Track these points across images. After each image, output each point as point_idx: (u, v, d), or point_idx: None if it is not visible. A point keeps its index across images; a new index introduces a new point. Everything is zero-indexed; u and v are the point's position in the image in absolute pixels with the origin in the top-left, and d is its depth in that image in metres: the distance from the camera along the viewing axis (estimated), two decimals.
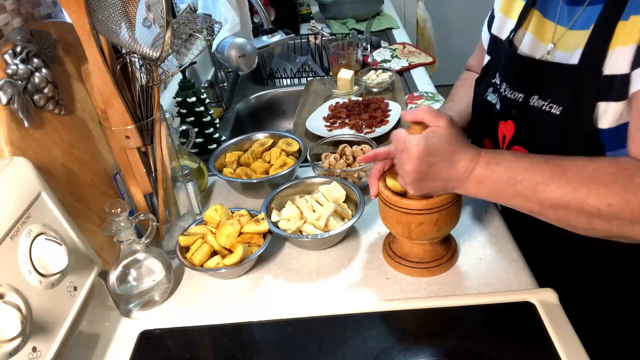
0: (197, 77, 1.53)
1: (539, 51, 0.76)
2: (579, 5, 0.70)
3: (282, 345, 0.68)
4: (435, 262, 0.76)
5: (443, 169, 0.63)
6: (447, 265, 0.77)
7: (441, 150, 0.62)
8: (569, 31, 0.71)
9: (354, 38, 1.72)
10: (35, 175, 0.60)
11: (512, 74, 0.79)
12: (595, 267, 0.80)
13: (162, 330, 0.72)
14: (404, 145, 0.64)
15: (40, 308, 0.55)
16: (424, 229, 0.71)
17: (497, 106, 0.81)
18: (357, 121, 1.18)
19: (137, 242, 0.72)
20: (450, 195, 0.69)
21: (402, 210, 0.70)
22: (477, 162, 0.62)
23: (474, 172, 0.62)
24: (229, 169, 0.99)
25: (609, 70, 0.64)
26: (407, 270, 0.77)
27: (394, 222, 0.73)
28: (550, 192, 0.59)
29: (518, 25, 0.80)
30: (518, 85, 0.77)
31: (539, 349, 0.63)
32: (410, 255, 0.77)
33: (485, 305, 0.70)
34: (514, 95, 0.77)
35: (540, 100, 0.72)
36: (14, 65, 0.64)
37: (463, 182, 0.64)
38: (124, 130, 0.71)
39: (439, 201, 0.69)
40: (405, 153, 0.64)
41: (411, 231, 0.71)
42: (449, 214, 0.71)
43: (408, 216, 0.70)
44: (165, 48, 0.65)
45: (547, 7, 0.76)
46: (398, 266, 0.78)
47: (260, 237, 0.81)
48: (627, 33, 0.61)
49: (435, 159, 0.63)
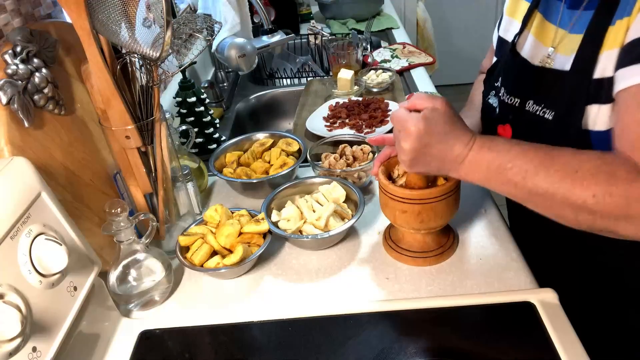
0: (197, 77, 1.53)
1: (539, 55, 0.76)
2: (577, 8, 0.70)
3: (282, 345, 0.68)
4: (434, 251, 0.78)
5: (439, 150, 0.64)
6: (446, 255, 0.78)
7: (438, 131, 0.63)
8: (569, 34, 0.71)
9: (354, 38, 1.72)
10: (35, 175, 0.60)
11: (510, 78, 0.79)
12: (595, 267, 0.80)
13: (162, 330, 0.72)
14: (402, 125, 0.64)
15: (40, 308, 0.55)
16: (422, 217, 0.72)
17: (496, 110, 0.82)
18: (357, 121, 1.18)
19: (137, 242, 0.72)
20: (449, 185, 0.71)
21: (399, 199, 0.72)
22: (471, 147, 0.63)
23: (468, 156, 0.63)
24: (229, 169, 0.99)
25: (599, 74, 0.64)
26: (405, 259, 0.78)
27: (393, 211, 0.74)
28: (537, 180, 0.59)
29: (522, 28, 0.80)
30: (515, 90, 0.77)
31: (539, 349, 0.63)
32: (409, 244, 0.79)
33: (485, 305, 0.70)
34: (510, 100, 0.78)
35: (534, 105, 0.73)
36: (14, 65, 0.64)
37: (457, 165, 0.64)
38: (124, 130, 0.71)
39: (436, 191, 0.70)
40: (403, 132, 0.64)
41: (409, 220, 0.73)
42: (447, 203, 0.72)
43: (406, 205, 0.72)
44: (165, 48, 0.65)
45: (549, 10, 0.76)
46: (398, 256, 0.79)
47: (260, 237, 0.81)
48: (613, 37, 0.62)
49: (432, 139, 0.63)
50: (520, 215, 0.93)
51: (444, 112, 0.63)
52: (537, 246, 0.83)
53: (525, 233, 0.85)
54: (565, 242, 0.82)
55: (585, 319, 0.69)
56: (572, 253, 0.82)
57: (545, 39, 0.76)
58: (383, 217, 0.89)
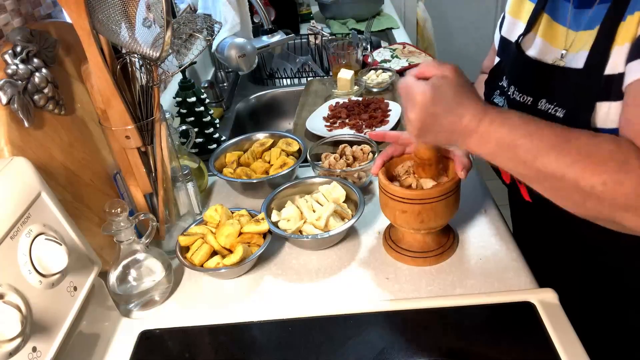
0: (197, 77, 1.53)
1: (550, 56, 0.75)
2: (587, 7, 0.69)
3: (282, 345, 0.68)
4: (434, 251, 0.78)
5: (447, 120, 0.61)
6: (446, 255, 0.79)
7: (446, 101, 0.60)
8: (579, 33, 0.71)
9: (354, 38, 1.72)
10: (35, 175, 0.60)
11: (522, 77, 0.78)
12: (595, 267, 0.80)
13: (162, 330, 0.72)
14: (409, 93, 0.61)
15: (40, 308, 0.55)
16: (422, 217, 0.72)
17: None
18: (357, 121, 1.18)
19: (137, 242, 0.72)
20: (449, 185, 0.71)
21: (399, 199, 0.72)
22: (482, 119, 0.60)
23: (478, 129, 0.60)
24: (229, 169, 0.99)
25: (609, 70, 0.63)
26: (405, 259, 0.79)
27: (392, 211, 0.75)
28: (548, 161, 0.57)
29: (528, 29, 0.79)
30: (527, 88, 0.76)
31: (539, 349, 0.63)
32: (409, 244, 0.79)
33: (485, 305, 0.70)
34: (522, 99, 0.77)
35: (547, 103, 0.72)
36: (14, 65, 0.64)
37: (466, 137, 0.61)
38: (124, 130, 0.71)
39: (436, 191, 0.71)
40: (410, 102, 0.62)
41: (409, 220, 0.73)
42: (447, 203, 0.72)
43: (406, 205, 0.72)
44: (165, 48, 0.65)
45: (557, 11, 0.75)
46: (398, 256, 0.79)
47: (260, 237, 0.81)
48: (625, 33, 0.61)
49: (440, 109, 0.60)
50: (522, 216, 0.93)
51: (454, 80, 0.60)
52: (537, 246, 0.83)
53: (527, 233, 0.85)
54: (565, 242, 0.82)
55: (585, 319, 0.69)
56: (572, 253, 0.82)
57: (554, 41, 0.75)
58: (383, 217, 0.89)
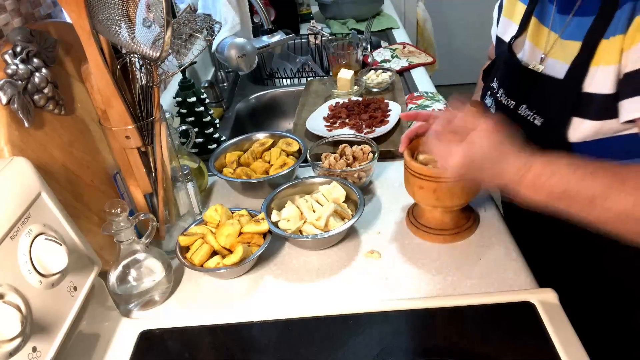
0: (197, 77, 1.53)
1: (534, 59, 0.76)
2: (566, 14, 0.70)
3: (282, 345, 0.68)
4: (451, 230, 0.81)
5: (488, 176, 0.60)
6: (463, 236, 0.81)
7: (484, 161, 0.59)
8: (560, 40, 0.71)
9: (354, 38, 1.72)
10: (35, 175, 0.60)
11: (509, 80, 0.79)
12: (596, 267, 0.80)
13: (162, 330, 0.72)
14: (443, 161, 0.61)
15: (40, 308, 0.55)
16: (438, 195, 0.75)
17: (492, 110, 0.82)
18: (357, 121, 1.18)
19: (137, 242, 0.72)
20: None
21: (417, 175, 0.75)
22: (528, 170, 0.58)
23: (525, 180, 0.59)
24: (229, 169, 0.99)
25: (590, 88, 0.64)
26: (422, 234, 0.82)
27: (412, 187, 0.79)
28: (608, 205, 0.56)
29: (520, 32, 0.80)
30: (512, 92, 0.77)
31: (539, 349, 0.63)
32: (427, 220, 0.82)
33: (485, 305, 0.70)
34: (507, 102, 0.78)
35: (527, 109, 0.73)
36: (14, 65, 0.64)
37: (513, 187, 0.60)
38: (124, 130, 0.71)
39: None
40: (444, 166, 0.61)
41: (425, 196, 0.77)
42: (464, 185, 0.75)
43: (423, 181, 0.75)
44: (165, 48, 0.65)
45: (543, 14, 0.76)
46: (416, 231, 0.83)
47: (260, 237, 0.81)
48: (609, 53, 0.62)
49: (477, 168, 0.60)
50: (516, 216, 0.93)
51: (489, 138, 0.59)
52: (537, 246, 0.83)
53: (525, 233, 0.85)
54: (565, 242, 0.82)
55: (585, 319, 0.69)
56: (572, 253, 0.82)
57: (539, 43, 0.76)
58: (383, 217, 0.89)
